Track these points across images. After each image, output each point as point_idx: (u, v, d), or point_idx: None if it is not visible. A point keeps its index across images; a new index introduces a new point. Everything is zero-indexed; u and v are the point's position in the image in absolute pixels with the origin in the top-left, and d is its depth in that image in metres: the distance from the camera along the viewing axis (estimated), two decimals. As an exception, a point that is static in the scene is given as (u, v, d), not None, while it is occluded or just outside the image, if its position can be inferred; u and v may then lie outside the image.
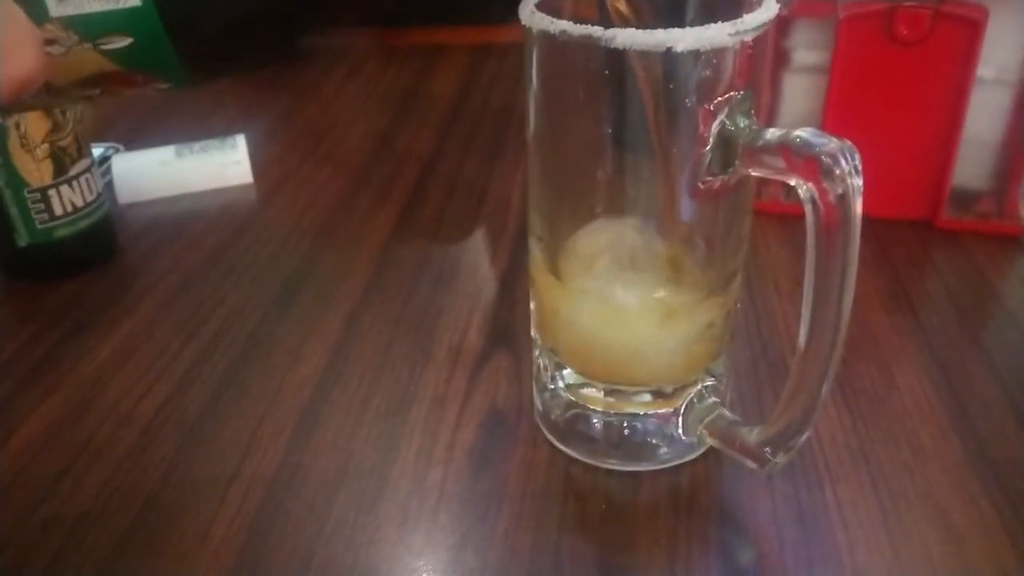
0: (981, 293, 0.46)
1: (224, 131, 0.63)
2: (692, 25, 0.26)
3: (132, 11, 0.24)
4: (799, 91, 0.51)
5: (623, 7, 0.30)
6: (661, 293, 0.33)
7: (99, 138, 0.64)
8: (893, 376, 0.40)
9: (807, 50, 0.50)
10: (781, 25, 0.50)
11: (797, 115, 0.51)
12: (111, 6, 0.24)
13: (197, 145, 0.60)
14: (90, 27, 0.25)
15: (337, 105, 0.76)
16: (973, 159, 0.49)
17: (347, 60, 0.85)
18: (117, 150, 0.62)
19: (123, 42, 0.25)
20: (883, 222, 0.50)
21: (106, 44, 0.25)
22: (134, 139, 0.65)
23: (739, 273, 0.33)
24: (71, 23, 0.25)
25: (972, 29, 0.45)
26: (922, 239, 0.50)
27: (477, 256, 0.52)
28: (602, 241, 0.33)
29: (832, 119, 0.49)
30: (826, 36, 0.49)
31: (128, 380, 0.42)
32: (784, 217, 0.51)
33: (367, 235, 0.54)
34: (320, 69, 0.83)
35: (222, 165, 0.59)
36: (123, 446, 0.38)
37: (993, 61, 0.47)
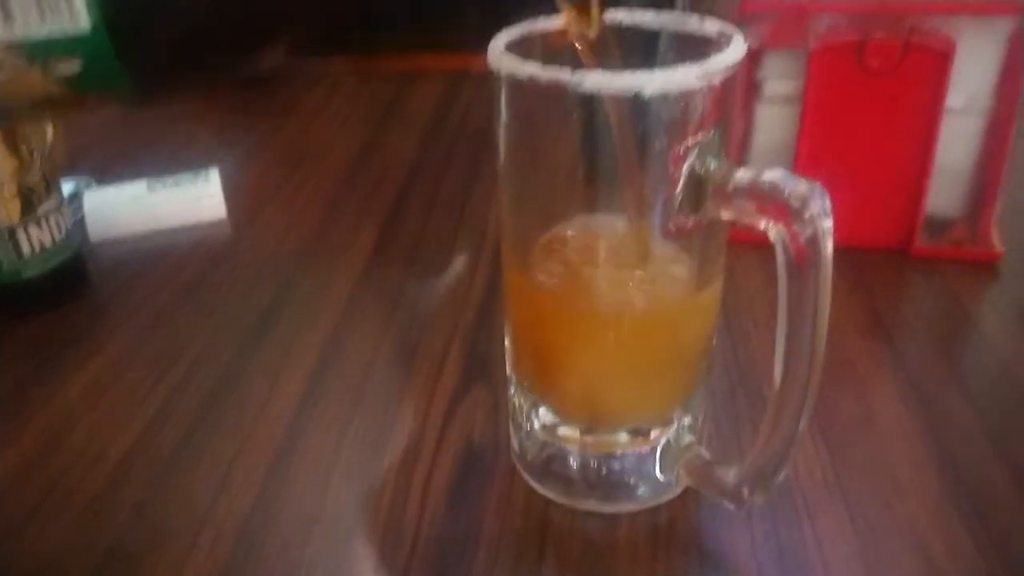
0: (957, 319, 0.46)
1: (198, 162, 0.62)
2: (663, 59, 0.26)
3: (81, 35, 0.24)
4: (772, 121, 0.51)
5: (589, 36, 0.29)
6: (635, 301, 0.32)
7: (71, 170, 0.64)
8: (870, 405, 0.40)
9: (779, 80, 0.50)
10: (753, 56, 0.50)
11: (770, 145, 0.52)
12: (60, 30, 0.24)
13: (170, 179, 0.59)
14: (39, 51, 0.24)
15: (313, 131, 0.76)
16: (946, 187, 0.50)
17: (323, 85, 0.85)
18: (89, 184, 0.61)
19: (73, 65, 0.25)
20: (858, 250, 0.50)
21: (55, 68, 0.25)
22: (107, 170, 0.64)
23: (715, 291, 0.33)
24: (18, 47, 0.24)
25: (941, 60, 0.46)
26: (897, 266, 0.51)
27: (455, 285, 0.52)
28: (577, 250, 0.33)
29: (805, 149, 0.50)
30: (798, 66, 0.49)
31: (99, 418, 0.41)
32: (759, 245, 0.51)
33: (343, 266, 0.53)
34: (296, 95, 0.83)
35: (196, 199, 0.59)
36: (94, 486, 0.37)
37: (963, 91, 0.47)
